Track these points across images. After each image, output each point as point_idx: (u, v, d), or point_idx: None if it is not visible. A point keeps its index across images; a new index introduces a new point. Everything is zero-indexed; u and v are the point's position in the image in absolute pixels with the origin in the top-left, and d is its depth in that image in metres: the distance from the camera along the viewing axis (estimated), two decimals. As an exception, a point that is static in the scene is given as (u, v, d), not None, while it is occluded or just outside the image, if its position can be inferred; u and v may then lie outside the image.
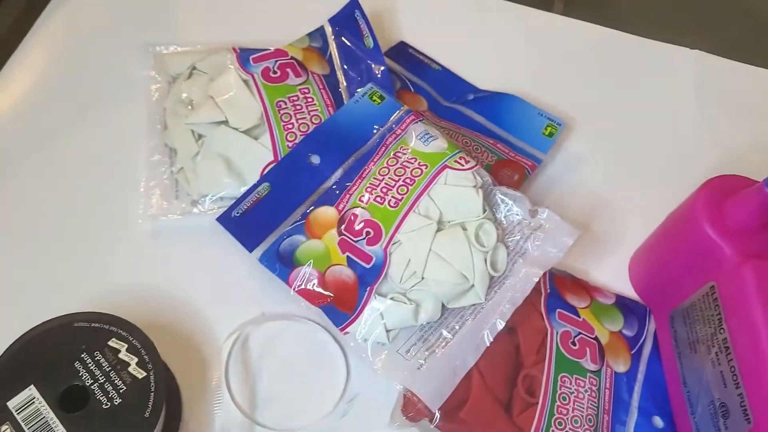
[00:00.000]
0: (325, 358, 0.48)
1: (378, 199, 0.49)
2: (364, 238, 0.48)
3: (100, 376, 0.39)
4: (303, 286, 0.47)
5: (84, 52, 0.63)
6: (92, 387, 0.39)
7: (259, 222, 0.50)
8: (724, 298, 0.41)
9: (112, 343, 0.41)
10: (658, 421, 0.47)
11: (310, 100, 0.54)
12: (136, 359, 0.40)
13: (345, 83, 0.58)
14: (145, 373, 0.40)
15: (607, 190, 0.57)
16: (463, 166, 0.50)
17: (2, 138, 0.58)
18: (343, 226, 0.49)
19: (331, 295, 0.47)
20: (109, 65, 0.62)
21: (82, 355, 0.40)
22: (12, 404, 0.38)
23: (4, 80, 0.61)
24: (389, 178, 0.50)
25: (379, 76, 0.57)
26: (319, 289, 0.47)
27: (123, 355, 0.40)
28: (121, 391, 0.39)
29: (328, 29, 0.60)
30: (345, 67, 0.58)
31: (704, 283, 0.43)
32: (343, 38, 0.59)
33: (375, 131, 0.53)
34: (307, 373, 0.48)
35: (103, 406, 0.39)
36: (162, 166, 0.54)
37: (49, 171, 0.56)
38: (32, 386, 0.39)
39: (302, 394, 0.47)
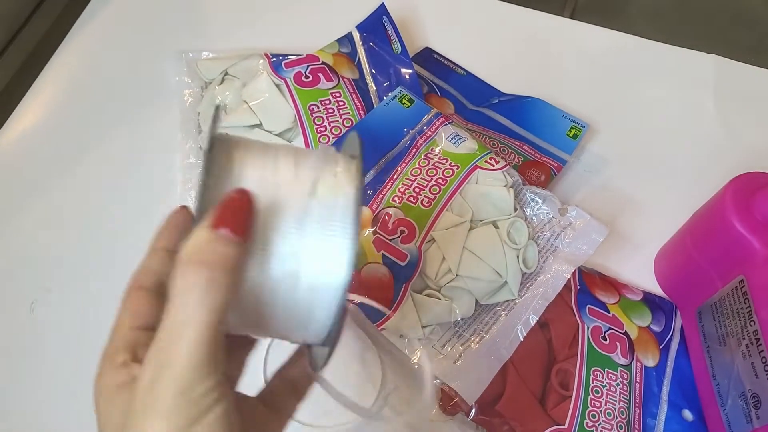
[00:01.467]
0: (362, 354, 0.49)
1: (411, 198, 0.50)
2: (398, 237, 0.49)
3: None
4: (339, 284, 0.48)
5: (117, 59, 0.65)
6: None
7: (294, 222, 0.51)
8: (754, 290, 0.42)
9: None
10: (688, 414, 0.48)
11: (341, 103, 0.56)
12: None
13: (374, 87, 0.59)
14: None
15: (631, 190, 0.58)
16: (493, 166, 0.51)
17: (40, 143, 0.59)
18: (377, 226, 0.50)
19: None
20: (143, 71, 0.63)
21: None
22: None
23: (40, 87, 0.62)
24: (421, 178, 0.51)
25: (407, 79, 0.59)
26: (356, 287, 0.48)
27: None
28: None
29: (357, 35, 0.61)
30: (373, 71, 0.60)
31: (733, 277, 0.45)
32: (371, 43, 0.61)
33: (405, 133, 0.54)
34: (343, 369, 0.49)
35: None
36: (198, 169, 0.56)
37: (87, 174, 0.57)
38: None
39: (339, 390, 0.48)
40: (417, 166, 0.52)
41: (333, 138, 0.54)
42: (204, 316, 0.23)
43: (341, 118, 0.55)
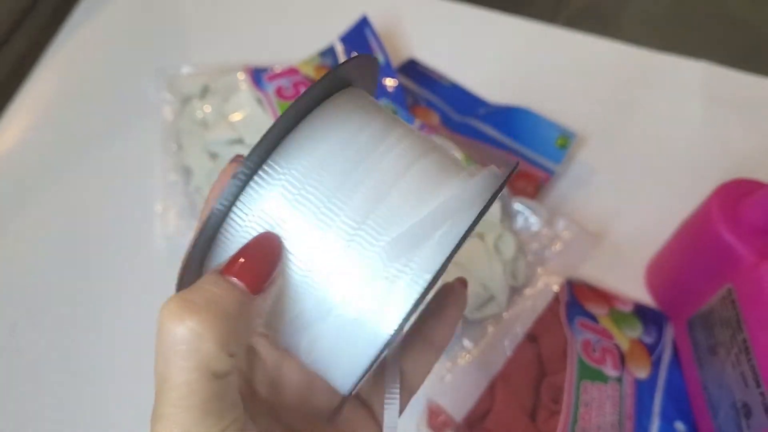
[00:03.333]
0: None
1: (396, 212, 0.52)
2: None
3: None
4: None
5: (96, 75, 0.67)
6: None
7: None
8: (742, 299, 0.44)
9: None
10: (680, 426, 0.49)
11: (324, 116, 0.57)
12: None
13: (358, 100, 0.61)
14: None
15: (620, 199, 0.60)
16: (479, 178, 0.53)
17: (19, 161, 0.61)
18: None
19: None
20: (122, 88, 0.65)
21: None
22: None
23: (19, 105, 0.64)
24: (406, 191, 0.53)
25: (391, 91, 0.61)
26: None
27: None
28: None
29: (339, 47, 0.63)
30: (357, 83, 0.62)
31: (722, 286, 0.46)
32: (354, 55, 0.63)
33: (390, 146, 0.56)
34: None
35: None
36: (178, 186, 0.57)
37: (66, 193, 0.59)
38: None
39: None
40: (402, 179, 0.54)
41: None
42: (182, 375, 0.20)
43: (324, 131, 0.57)
